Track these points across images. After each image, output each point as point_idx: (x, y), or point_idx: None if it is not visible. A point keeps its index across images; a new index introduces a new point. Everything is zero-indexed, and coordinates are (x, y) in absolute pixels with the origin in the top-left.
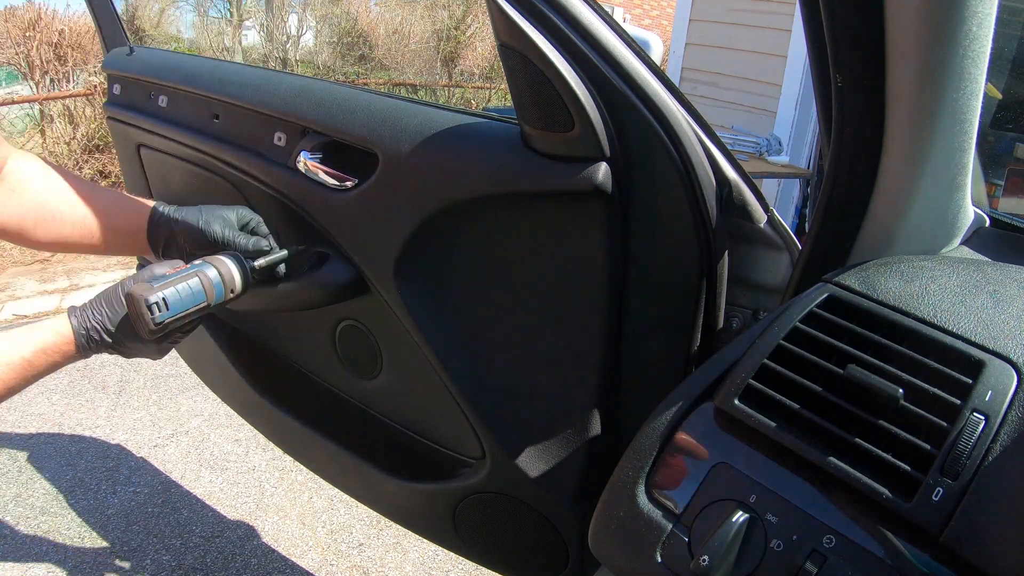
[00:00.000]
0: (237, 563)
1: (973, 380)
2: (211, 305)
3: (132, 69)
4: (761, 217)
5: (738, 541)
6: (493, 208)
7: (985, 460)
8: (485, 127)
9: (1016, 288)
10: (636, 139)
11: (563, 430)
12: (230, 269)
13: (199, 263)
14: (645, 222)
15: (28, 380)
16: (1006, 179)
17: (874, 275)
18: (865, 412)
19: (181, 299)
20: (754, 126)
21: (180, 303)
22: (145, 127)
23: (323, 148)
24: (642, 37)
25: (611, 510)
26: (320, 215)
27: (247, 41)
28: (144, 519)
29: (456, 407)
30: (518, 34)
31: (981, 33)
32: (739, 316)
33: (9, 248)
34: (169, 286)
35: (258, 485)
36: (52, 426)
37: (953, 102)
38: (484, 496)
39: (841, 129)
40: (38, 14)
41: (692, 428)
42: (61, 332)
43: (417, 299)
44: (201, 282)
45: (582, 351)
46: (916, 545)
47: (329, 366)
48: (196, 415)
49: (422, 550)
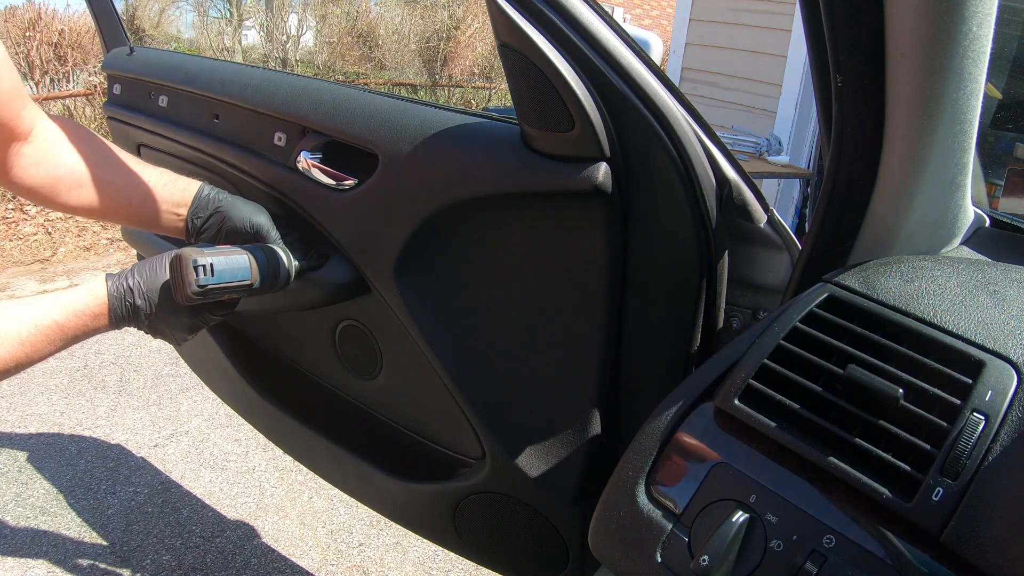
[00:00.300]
0: (237, 563)
1: (973, 380)
2: (254, 286)
3: (132, 69)
4: (761, 217)
5: (738, 541)
6: (493, 208)
7: (985, 460)
8: (485, 127)
9: (1016, 288)
10: (636, 139)
11: (563, 430)
12: (278, 259)
13: (251, 246)
14: (645, 222)
15: (57, 345)
16: (1006, 179)
17: (874, 275)
18: (865, 412)
19: (227, 270)
20: (754, 126)
21: (225, 273)
22: (145, 127)
23: (323, 148)
24: (642, 37)
25: (611, 510)
26: (320, 215)
27: (247, 41)
28: (144, 519)
29: (456, 407)
30: (518, 34)
31: (981, 33)
32: (739, 316)
33: (9, 248)
34: (219, 255)
35: (258, 485)
36: (52, 426)
37: (953, 102)
38: (484, 496)
39: (841, 129)
40: (38, 14)
41: (692, 428)
42: (95, 294)
43: (417, 299)
44: (248, 261)
45: (582, 351)
46: (916, 545)
47: (329, 366)
48: (196, 415)
49: (422, 550)
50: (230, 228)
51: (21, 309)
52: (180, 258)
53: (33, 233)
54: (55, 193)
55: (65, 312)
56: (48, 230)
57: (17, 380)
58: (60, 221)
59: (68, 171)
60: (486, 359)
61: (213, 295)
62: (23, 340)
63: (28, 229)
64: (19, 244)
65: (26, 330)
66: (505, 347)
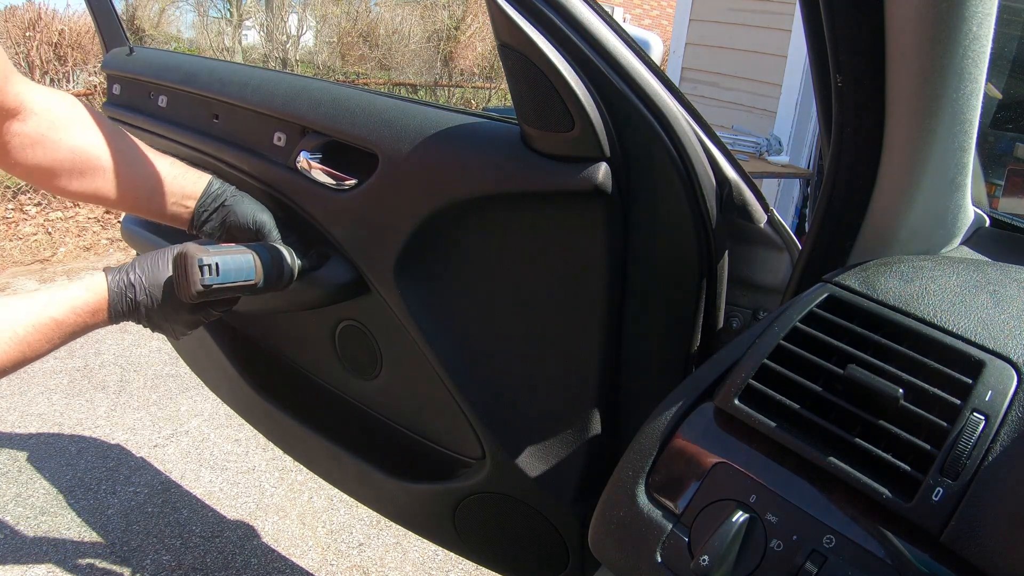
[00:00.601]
0: (237, 563)
1: (973, 380)
2: (258, 286)
3: (132, 69)
4: (761, 217)
5: (738, 541)
6: (493, 208)
7: (985, 460)
8: (485, 127)
9: (1016, 288)
10: (636, 139)
11: (563, 430)
12: (282, 258)
13: (255, 244)
14: (645, 222)
15: (55, 343)
16: (1006, 179)
17: (874, 275)
18: (865, 412)
19: (232, 269)
20: (754, 126)
21: (231, 273)
22: (145, 127)
23: (323, 148)
24: (642, 37)
25: (611, 510)
26: (320, 215)
27: (247, 41)
28: (144, 519)
29: (456, 407)
30: (518, 34)
31: (981, 33)
32: (739, 316)
33: (9, 248)
34: (224, 254)
35: (258, 485)
36: (52, 426)
37: (953, 102)
38: (484, 496)
39: (841, 129)
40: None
41: (692, 428)
42: (95, 290)
43: (417, 299)
44: (253, 260)
45: (582, 351)
46: (916, 545)
47: (329, 366)
48: (196, 415)
49: (422, 550)
50: (232, 223)
51: (18, 307)
52: (185, 256)
53: (33, 233)
54: (55, 177)
55: (63, 309)
56: (48, 230)
57: (17, 380)
58: (60, 221)
59: (69, 155)
60: (486, 359)
61: (217, 294)
62: (20, 339)
63: (28, 229)
64: (19, 244)
65: (23, 328)
66: (505, 347)
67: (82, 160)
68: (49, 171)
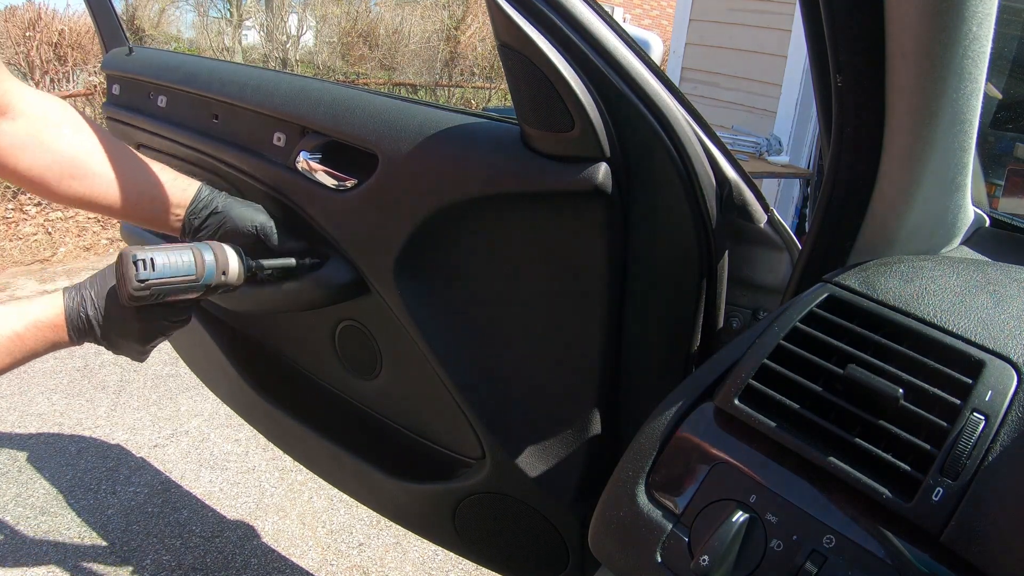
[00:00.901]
0: (237, 563)
1: (973, 380)
2: (199, 281)
3: (131, 69)
4: (761, 217)
5: (738, 541)
6: (493, 208)
7: (985, 460)
8: (485, 127)
9: (1016, 288)
10: (636, 139)
11: (563, 430)
12: (227, 256)
13: (200, 243)
14: (645, 222)
15: (18, 359)
16: (1006, 179)
17: (874, 275)
18: (865, 412)
19: (169, 264)
20: (754, 126)
21: (166, 268)
22: (145, 127)
23: (323, 148)
24: (642, 37)
25: (611, 510)
26: (320, 215)
27: (247, 41)
28: (144, 519)
29: (456, 407)
30: (518, 34)
31: (981, 33)
32: (739, 316)
33: (9, 248)
34: (160, 250)
35: (258, 485)
36: (52, 426)
37: (953, 102)
38: (484, 496)
39: (841, 129)
40: (38, 14)
41: (692, 428)
42: (54, 304)
43: (417, 299)
44: (193, 256)
45: (582, 351)
46: (916, 545)
47: (329, 366)
48: (196, 415)
49: (422, 550)
50: (230, 229)
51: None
52: (121, 256)
53: (33, 233)
54: (44, 180)
55: (25, 323)
56: (48, 230)
57: (17, 380)
58: (60, 221)
59: (59, 158)
60: (486, 359)
61: (157, 293)
62: None
63: (28, 229)
64: (19, 244)
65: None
66: (505, 347)
67: (71, 163)
68: (40, 174)
